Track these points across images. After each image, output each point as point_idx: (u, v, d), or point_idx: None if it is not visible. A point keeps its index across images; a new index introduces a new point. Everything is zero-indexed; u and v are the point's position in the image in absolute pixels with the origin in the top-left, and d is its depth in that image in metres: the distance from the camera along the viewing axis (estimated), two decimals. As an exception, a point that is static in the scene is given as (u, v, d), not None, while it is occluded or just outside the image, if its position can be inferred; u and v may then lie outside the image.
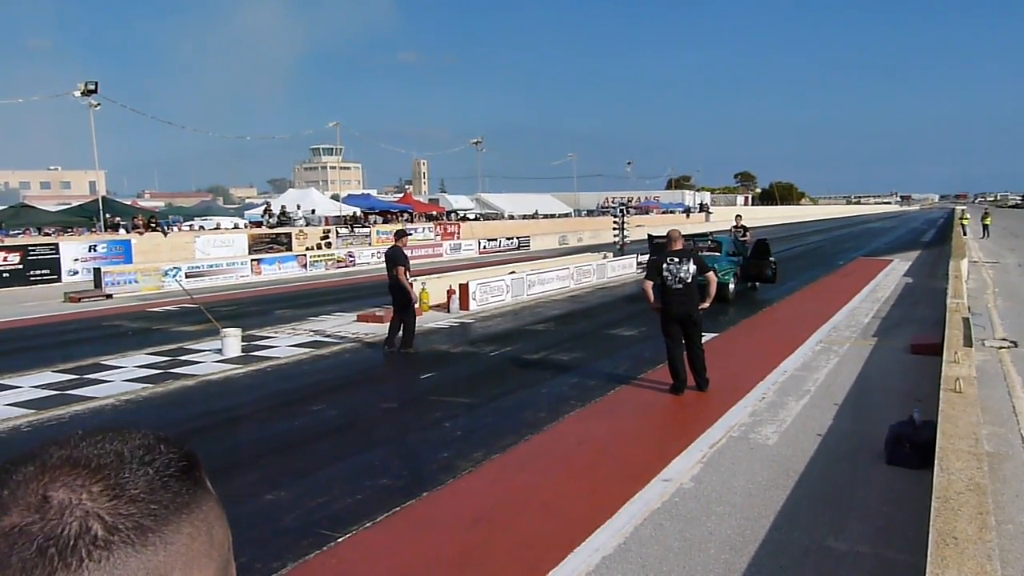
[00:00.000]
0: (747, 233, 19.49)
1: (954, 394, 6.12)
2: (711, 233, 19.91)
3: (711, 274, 8.70)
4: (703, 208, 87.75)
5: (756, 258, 17.60)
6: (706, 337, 11.85)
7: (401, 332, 11.49)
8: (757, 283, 18.16)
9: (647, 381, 9.23)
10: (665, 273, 8.35)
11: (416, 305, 11.55)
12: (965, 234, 39.04)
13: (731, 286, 15.97)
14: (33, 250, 24.11)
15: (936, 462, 4.63)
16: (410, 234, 12.80)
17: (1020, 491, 5.41)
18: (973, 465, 4.51)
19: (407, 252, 11.91)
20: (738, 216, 20.46)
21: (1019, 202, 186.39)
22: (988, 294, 16.73)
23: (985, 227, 43.65)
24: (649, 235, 19.52)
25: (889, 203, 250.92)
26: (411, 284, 11.66)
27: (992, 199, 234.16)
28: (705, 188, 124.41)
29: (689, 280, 8.31)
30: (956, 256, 20.65)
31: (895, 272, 22.80)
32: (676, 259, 8.36)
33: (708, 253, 15.73)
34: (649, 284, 8.60)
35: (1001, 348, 10.43)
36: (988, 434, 6.47)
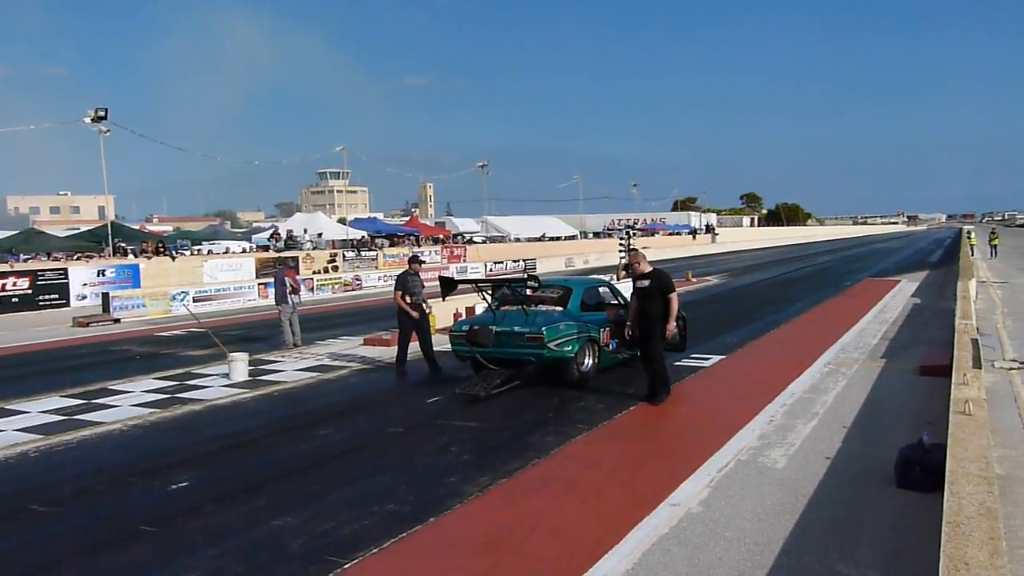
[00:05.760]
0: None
1: (964, 416, 6.09)
2: (534, 277, 11.38)
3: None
4: (709, 229, 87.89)
5: None
6: (712, 359, 11.94)
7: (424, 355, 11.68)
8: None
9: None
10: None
11: (416, 319, 11.65)
12: (973, 254, 38.93)
13: (585, 363, 10.06)
14: (42, 275, 24.30)
15: (946, 486, 4.60)
16: (423, 261, 12.74)
17: (1032, 515, 5.35)
18: (984, 489, 4.47)
19: (418, 277, 11.98)
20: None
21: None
22: (997, 314, 16.63)
23: (993, 247, 43.53)
24: (440, 276, 14.54)
25: (896, 223, 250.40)
26: (420, 307, 11.78)
27: (1000, 218, 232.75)
28: (711, 209, 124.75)
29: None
30: (964, 276, 20.59)
31: (903, 293, 22.70)
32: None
33: (547, 308, 10.50)
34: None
35: (1011, 369, 10.36)
36: (999, 457, 6.42)
